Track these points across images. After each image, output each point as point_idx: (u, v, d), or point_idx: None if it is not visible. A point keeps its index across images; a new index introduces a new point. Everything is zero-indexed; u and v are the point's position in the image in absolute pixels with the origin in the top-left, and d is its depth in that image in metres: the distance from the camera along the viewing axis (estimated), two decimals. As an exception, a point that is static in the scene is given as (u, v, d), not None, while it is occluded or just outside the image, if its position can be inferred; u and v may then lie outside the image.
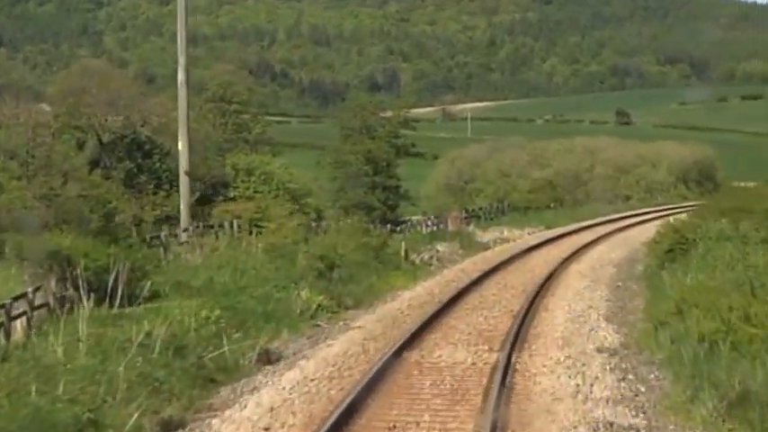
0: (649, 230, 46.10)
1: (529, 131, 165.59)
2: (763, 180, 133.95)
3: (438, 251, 44.78)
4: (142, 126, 49.73)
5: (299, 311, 27.05)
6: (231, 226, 41.42)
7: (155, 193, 47.34)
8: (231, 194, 50.52)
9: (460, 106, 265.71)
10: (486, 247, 50.94)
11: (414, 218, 69.65)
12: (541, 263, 40.53)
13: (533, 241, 52.39)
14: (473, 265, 40.89)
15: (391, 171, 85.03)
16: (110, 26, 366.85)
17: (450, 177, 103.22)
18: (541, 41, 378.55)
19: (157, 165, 49.36)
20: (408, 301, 30.91)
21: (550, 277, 35.49)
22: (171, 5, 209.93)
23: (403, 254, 40.56)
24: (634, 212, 79.27)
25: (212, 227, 41.23)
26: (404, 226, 59.06)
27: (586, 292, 32.48)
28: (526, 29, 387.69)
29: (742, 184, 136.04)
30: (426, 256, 42.38)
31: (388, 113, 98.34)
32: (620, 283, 35.07)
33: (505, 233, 58.29)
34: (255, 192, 51.54)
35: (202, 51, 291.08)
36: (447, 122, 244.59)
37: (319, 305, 27.96)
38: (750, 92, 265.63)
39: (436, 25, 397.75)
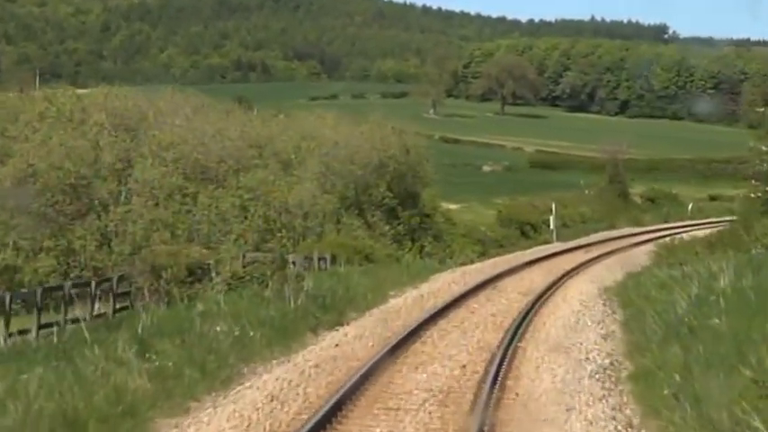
0: None
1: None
2: (471, 201, 72.58)
3: None
4: None
5: None
6: None
7: None
8: None
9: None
10: None
11: None
12: None
13: None
14: None
15: None
16: None
17: None
18: (160, 29, 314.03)
19: None
20: None
21: None
22: None
23: None
24: None
25: None
26: None
27: None
28: (144, 15, 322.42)
29: (449, 206, 72.11)
30: None
31: None
32: None
33: None
34: None
35: None
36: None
37: None
38: (390, 90, 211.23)
39: (45, 7, 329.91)
